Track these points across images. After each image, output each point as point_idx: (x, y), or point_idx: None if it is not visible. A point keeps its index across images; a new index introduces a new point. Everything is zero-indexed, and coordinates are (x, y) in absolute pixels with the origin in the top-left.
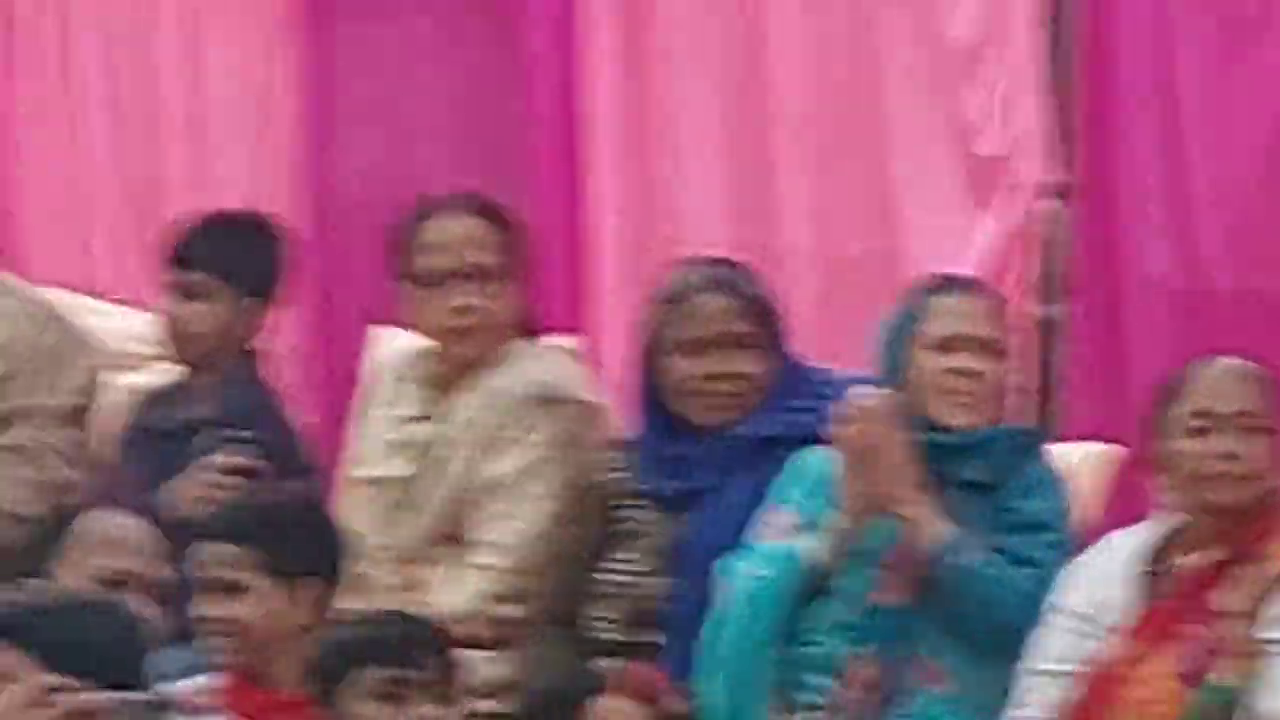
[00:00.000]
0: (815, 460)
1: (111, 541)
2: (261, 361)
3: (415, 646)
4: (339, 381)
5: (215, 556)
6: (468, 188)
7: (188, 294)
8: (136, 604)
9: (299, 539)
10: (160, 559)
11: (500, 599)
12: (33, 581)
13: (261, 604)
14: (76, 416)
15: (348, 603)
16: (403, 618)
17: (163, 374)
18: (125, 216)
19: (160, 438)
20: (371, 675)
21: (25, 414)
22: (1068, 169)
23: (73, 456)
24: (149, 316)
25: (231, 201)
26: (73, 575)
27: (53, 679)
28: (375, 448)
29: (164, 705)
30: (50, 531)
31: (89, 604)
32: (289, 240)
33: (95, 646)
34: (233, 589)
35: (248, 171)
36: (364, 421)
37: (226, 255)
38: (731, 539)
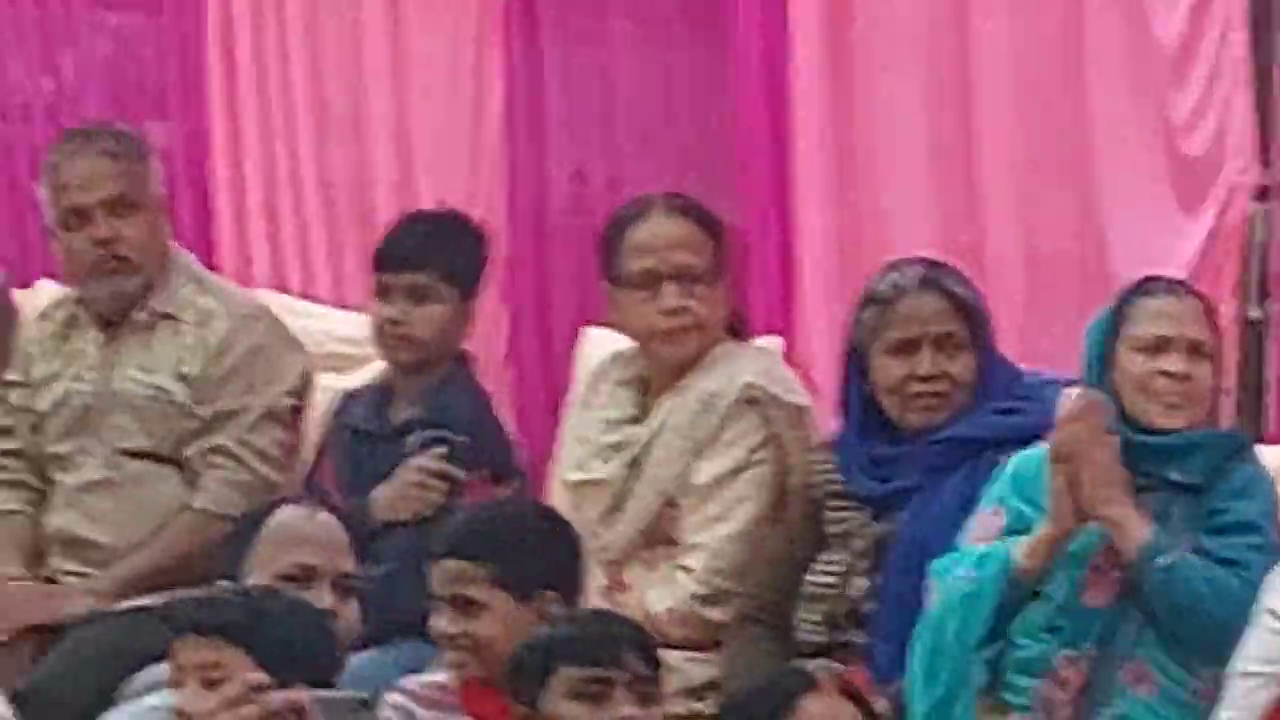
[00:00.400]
0: (1026, 462)
1: (299, 537)
2: (472, 364)
3: (615, 646)
4: (551, 384)
5: (452, 573)
6: (676, 190)
7: (416, 296)
8: (323, 599)
9: (535, 553)
10: (346, 553)
11: (706, 600)
12: (227, 581)
13: (499, 619)
14: (287, 417)
15: None
16: (603, 617)
17: (369, 375)
18: (333, 220)
19: (367, 439)
20: (571, 675)
21: (236, 415)
22: (1274, 170)
23: (280, 458)
24: (357, 317)
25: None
26: (262, 572)
27: (261, 676)
28: (586, 450)
29: (365, 704)
30: (244, 529)
31: (291, 602)
32: (492, 241)
33: (298, 644)
34: (470, 605)
35: (455, 175)
36: (575, 424)
37: (450, 257)
38: (938, 540)
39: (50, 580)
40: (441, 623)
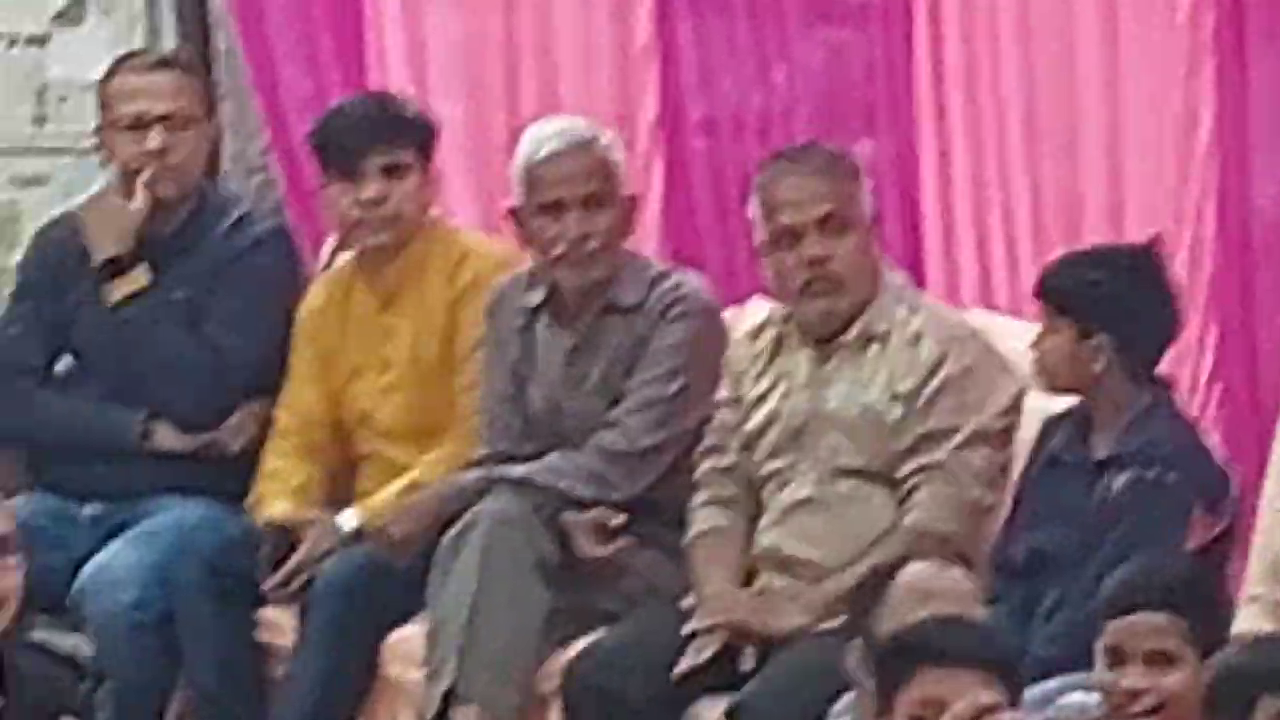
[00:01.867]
0: None
1: (929, 591)
2: (1173, 390)
3: None
4: (1257, 406)
5: (1148, 626)
6: None
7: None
8: None
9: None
10: (975, 605)
11: None
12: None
13: (1192, 676)
14: (999, 438)
15: None
16: None
17: (1075, 400)
18: (1042, 237)
19: (1063, 469)
20: (1273, 706)
21: (948, 434)
22: None
23: (993, 478)
24: None
25: (1145, 226)
26: (897, 622)
27: (996, 697)
28: None
29: None
30: (873, 585)
31: None
32: (1171, 275)
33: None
34: (1165, 660)
35: (1162, 191)
36: None
37: (1090, 292)
38: None
39: None
40: (1130, 678)
